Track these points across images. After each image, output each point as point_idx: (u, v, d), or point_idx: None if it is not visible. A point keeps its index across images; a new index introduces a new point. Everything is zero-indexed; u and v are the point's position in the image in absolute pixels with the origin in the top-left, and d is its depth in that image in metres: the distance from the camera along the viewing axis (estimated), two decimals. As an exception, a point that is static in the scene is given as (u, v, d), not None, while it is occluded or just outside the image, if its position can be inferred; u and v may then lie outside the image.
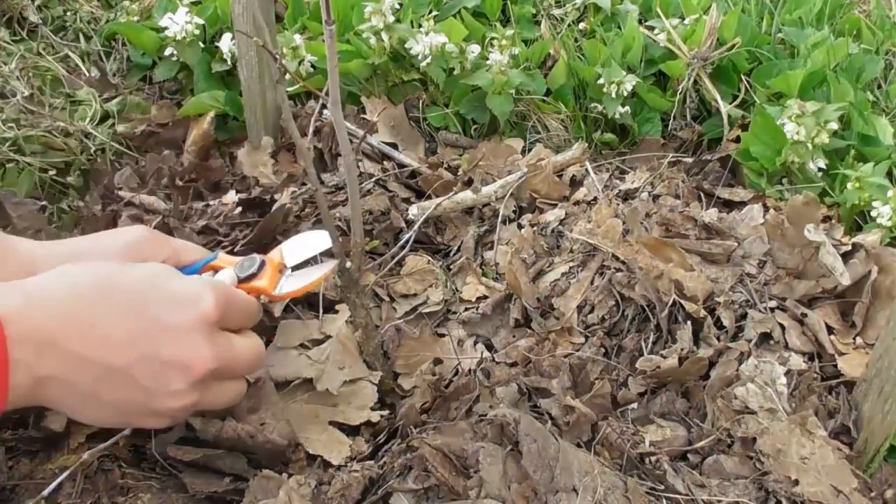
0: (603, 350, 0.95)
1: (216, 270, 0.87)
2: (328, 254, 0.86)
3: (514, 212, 1.19)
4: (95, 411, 0.70)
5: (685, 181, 1.21)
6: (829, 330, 0.95)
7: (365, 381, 0.88)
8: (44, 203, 1.17)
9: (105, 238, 0.84)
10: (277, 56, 0.67)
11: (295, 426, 0.82)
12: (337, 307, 0.97)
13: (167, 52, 1.38)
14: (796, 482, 0.78)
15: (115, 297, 0.67)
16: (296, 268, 0.86)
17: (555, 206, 1.19)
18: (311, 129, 0.83)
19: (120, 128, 1.31)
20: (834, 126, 1.17)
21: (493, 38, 1.36)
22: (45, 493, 0.73)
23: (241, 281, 0.84)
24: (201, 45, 1.38)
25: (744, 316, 0.97)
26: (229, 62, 1.36)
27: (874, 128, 1.25)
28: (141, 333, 0.67)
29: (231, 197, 1.16)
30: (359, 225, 0.80)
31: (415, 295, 1.04)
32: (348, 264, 0.83)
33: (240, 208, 1.12)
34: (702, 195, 1.20)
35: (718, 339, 0.94)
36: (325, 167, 1.26)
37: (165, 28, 1.34)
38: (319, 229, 0.90)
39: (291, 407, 0.85)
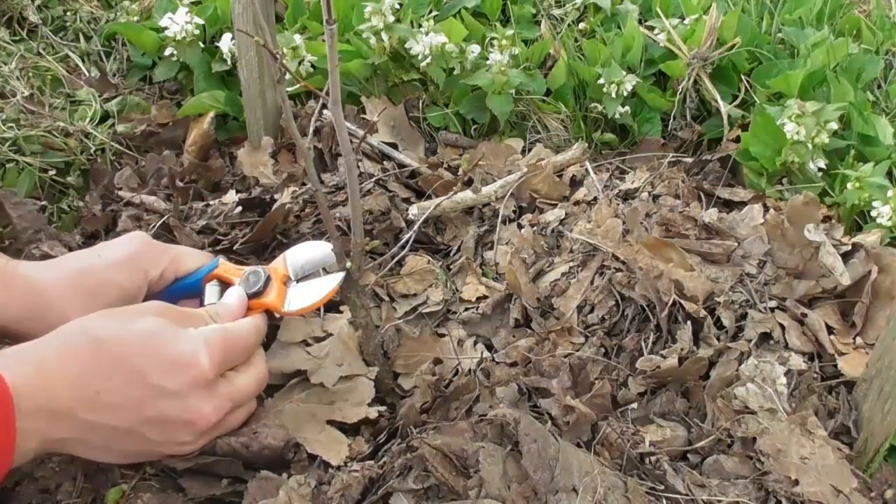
0: (603, 350, 0.95)
1: (221, 280, 0.87)
2: (332, 266, 0.85)
3: (514, 212, 1.19)
4: (110, 458, 0.75)
5: (685, 181, 1.21)
6: (829, 330, 0.95)
7: (362, 377, 0.88)
8: (44, 203, 1.17)
9: (105, 251, 0.86)
10: (278, 55, 0.67)
11: (292, 427, 0.82)
12: (340, 307, 0.97)
13: (167, 52, 1.38)
14: (796, 482, 0.78)
15: (117, 368, 0.70)
16: (301, 279, 0.86)
17: (555, 206, 1.19)
18: (311, 130, 0.83)
19: (120, 128, 1.31)
20: (834, 126, 1.17)
21: (493, 38, 1.36)
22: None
23: (249, 297, 0.84)
24: (201, 45, 1.38)
25: (744, 316, 0.97)
26: (229, 62, 1.35)
27: (874, 128, 1.25)
28: (144, 399, 0.70)
29: (231, 197, 1.16)
30: (359, 225, 0.80)
31: (415, 295, 1.04)
32: (348, 264, 0.83)
33: (240, 208, 1.12)
34: (702, 195, 1.20)
35: (718, 339, 0.94)
36: (325, 167, 1.26)
37: (165, 28, 1.34)
38: (323, 238, 0.90)
39: (288, 407, 0.85)
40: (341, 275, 0.83)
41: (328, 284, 0.84)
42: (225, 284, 0.87)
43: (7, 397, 0.63)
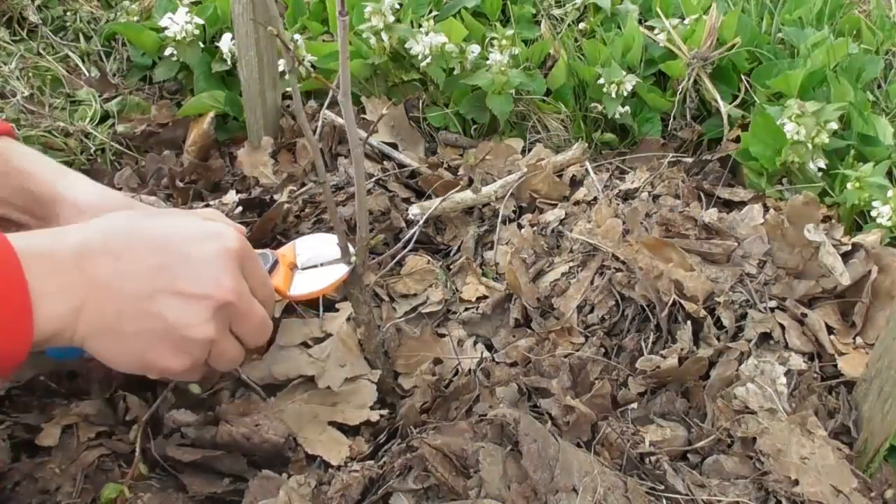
0: (603, 350, 0.95)
1: None
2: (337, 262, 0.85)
3: (514, 212, 1.19)
4: (120, 345, 0.70)
5: (685, 181, 1.21)
6: (829, 330, 0.95)
7: (364, 379, 0.88)
8: (44, 203, 1.17)
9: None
10: (290, 46, 0.67)
11: (294, 426, 0.82)
12: (338, 305, 0.97)
13: (167, 52, 1.38)
14: (796, 482, 0.78)
15: (143, 234, 0.71)
16: (307, 268, 0.86)
17: (555, 206, 1.19)
18: (317, 127, 0.83)
19: (120, 128, 1.32)
20: (834, 126, 1.17)
21: (493, 38, 1.36)
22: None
23: None
24: (201, 45, 1.38)
25: (744, 316, 0.97)
26: (229, 62, 1.36)
27: (874, 128, 1.25)
28: (165, 265, 0.70)
29: (231, 197, 1.15)
30: (364, 219, 0.80)
31: (415, 295, 1.04)
32: (353, 259, 0.82)
33: (240, 208, 1.12)
34: (702, 195, 1.20)
35: (718, 339, 0.94)
36: (326, 167, 1.26)
37: (165, 28, 1.34)
38: (332, 232, 0.90)
39: (290, 407, 0.85)
40: (346, 266, 0.83)
41: (335, 273, 0.84)
42: None
43: (9, 252, 0.62)
